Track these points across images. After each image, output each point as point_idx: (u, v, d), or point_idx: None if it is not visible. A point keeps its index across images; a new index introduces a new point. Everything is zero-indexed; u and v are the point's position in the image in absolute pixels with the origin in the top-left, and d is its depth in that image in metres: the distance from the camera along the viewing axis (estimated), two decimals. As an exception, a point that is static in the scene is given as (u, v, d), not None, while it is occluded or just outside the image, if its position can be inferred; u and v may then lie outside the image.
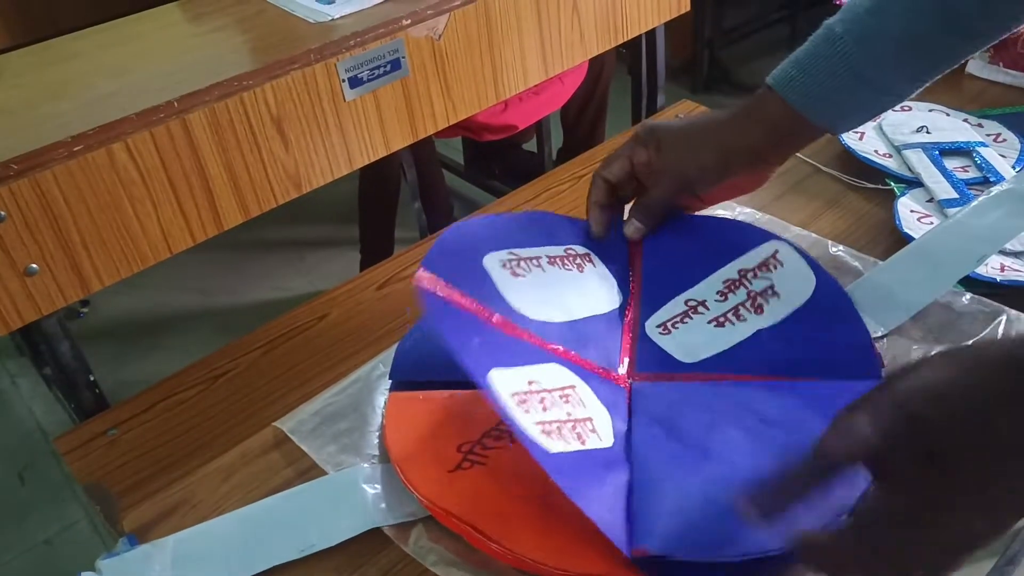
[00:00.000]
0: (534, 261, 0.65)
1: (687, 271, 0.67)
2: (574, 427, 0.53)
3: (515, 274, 0.63)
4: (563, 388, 0.56)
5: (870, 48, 0.60)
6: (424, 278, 0.57)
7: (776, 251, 0.67)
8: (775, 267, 0.67)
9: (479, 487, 0.53)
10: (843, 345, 0.62)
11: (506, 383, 0.52)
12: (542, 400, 0.53)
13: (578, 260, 0.67)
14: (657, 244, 0.69)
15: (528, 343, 0.59)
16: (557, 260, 0.66)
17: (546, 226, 0.69)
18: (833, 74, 0.61)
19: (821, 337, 0.62)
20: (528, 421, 0.50)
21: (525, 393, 0.53)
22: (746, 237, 0.69)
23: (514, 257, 0.64)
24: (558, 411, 0.53)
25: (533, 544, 0.50)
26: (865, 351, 0.61)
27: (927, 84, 0.63)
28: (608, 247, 0.69)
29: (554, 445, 0.50)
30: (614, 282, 0.67)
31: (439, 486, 0.53)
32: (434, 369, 0.62)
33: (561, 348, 0.60)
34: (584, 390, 0.57)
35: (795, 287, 0.65)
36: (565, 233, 0.69)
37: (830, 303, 0.65)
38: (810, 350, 0.62)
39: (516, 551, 0.50)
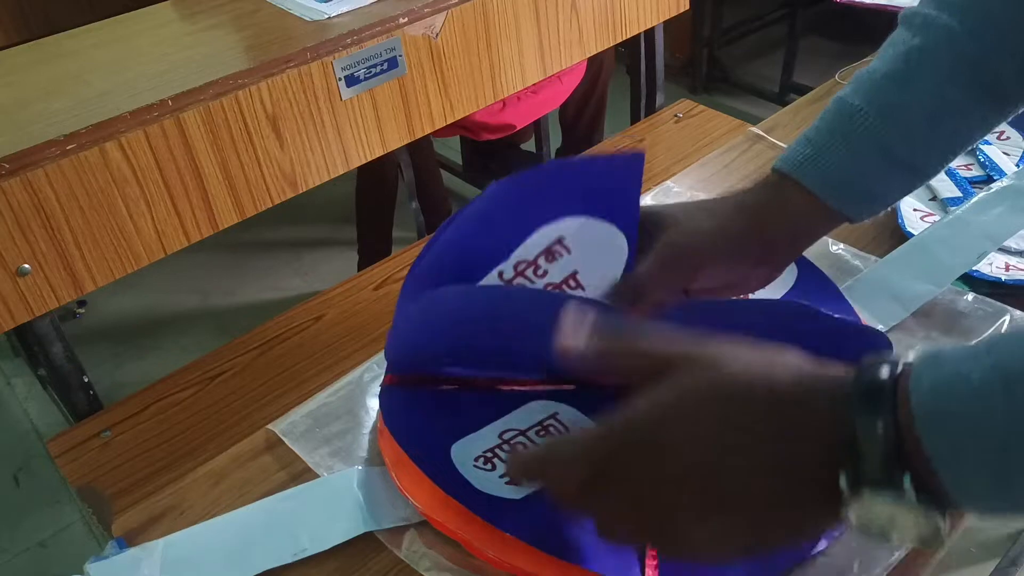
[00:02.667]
0: None
1: None
2: None
3: None
4: (542, 422, 0.56)
5: (899, 123, 0.53)
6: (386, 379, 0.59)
7: None
8: None
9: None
10: (836, 325, 0.60)
11: (468, 452, 0.53)
12: (515, 446, 0.54)
13: (555, 247, 0.60)
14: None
15: (501, 392, 0.59)
16: (529, 269, 0.60)
17: (507, 214, 0.60)
18: (857, 154, 0.54)
19: (811, 317, 0.60)
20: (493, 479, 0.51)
21: (496, 448, 0.54)
22: None
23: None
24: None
25: (527, 553, 0.49)
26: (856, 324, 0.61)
27: (956, 157, 0.56)
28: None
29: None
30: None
31: (434, 497, 0.52)
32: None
33: (542, 387, 0.60)
34: (568, 411, 0.57)
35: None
36: (535, 208, 0.60)
37: (814, 288, 0.64)
38: (801, 334, 0.60)
39: (510, 560, 0.49)
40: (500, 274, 0.60)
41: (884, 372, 0.36)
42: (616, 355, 0.42)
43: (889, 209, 0.58)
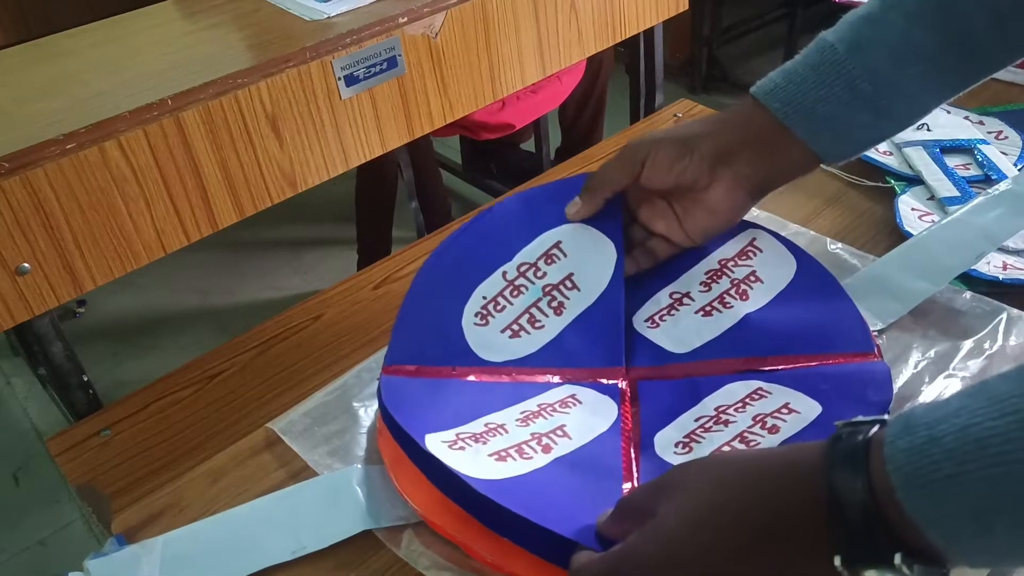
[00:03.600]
0: (506, 293, 0.64)
1: (668, 265, 0.67)
2: (539, 440, 0.54)
3: (487, 321, 0.62)
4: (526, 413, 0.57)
5: (864, 57, 0.55)
6: (386, 371, 0.59)
7: (754, 239, 0.67)
8: (754, 254, 0.66)
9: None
10: (834, 318, 0.62)
11: (443, 440, 0.53)
12: (499, 428, 0.55)
13: (553, 251, 0.65)
14: None
15: (503, 384, 0.60)
16: (530, 271, 0.64)
17: (513, 223, 0.67)
18: (822, 83, 0.56)
19: (810, 312, 0.62)
20: (469, 458, 0.51)
21: (479, 434, 0.54)
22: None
23: (486, 301, 0.63)
24: (521, 432, 0.54)
25: (523, 557, 0.49)
26: (856, 322, 0.61)
27: (930, 110, 0.58)
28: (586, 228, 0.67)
29: (505, 469, 0.50)
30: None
31: (432, 500, 0.52)
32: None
33: (547, 378, 0.61)
34: (564, 411, 0.58)
35: (777, 271, 0.65)
36: (537, 219, 0.67)
37: (814, 282, 0.65)
38: (802, 326, 0.61)
39: (507, 564, 0.49)
40: (504, 274, 0.65)
41: (856, 442, 0.36)
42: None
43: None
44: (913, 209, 0.77)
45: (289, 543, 0.52)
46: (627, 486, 0.52)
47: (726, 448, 0.52)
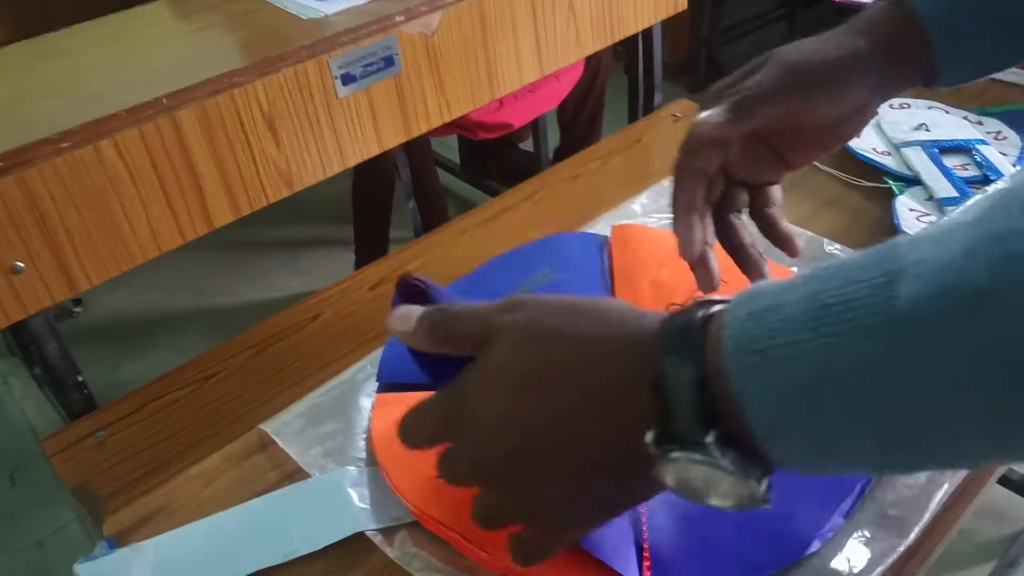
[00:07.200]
0: None
1: None
2: None
3: None
4: None
5: None
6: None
7: None
8: None
9: (466, 494, 0.52)
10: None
11: None
12: None
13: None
14: None
15: None
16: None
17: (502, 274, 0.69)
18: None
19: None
20: None
21: None
22: None
23: None
24: None
25: None
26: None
27: None
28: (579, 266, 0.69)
29: None
30: None
31: (426, 492, 0.52)
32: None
33: None
34: None
35: None
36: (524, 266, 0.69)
37: None
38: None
39: (503, 560, 0.49)
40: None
41: (696, 312, 0.32)
42: (442, 333, 0.43)
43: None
44: (911, 210, 0.76)
45: (281, 546, 0.52)
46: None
47: None
